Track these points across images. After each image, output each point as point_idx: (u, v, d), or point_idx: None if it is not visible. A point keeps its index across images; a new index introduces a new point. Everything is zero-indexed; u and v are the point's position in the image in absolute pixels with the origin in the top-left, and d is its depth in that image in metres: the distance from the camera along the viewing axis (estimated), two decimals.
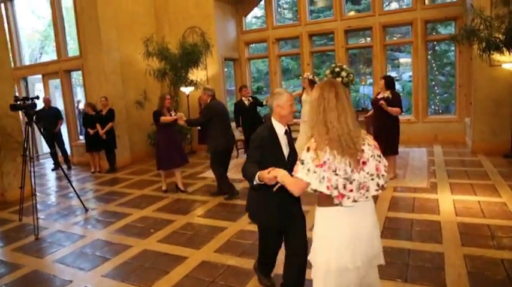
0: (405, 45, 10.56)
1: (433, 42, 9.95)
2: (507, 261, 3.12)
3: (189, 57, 7.93)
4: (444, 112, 10.70)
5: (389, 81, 5.63)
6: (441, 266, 3.14)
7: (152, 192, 6.26)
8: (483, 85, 6.75)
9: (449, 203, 4.57)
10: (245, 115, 7.54)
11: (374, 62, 8.78)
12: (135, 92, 8.58)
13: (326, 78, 8.45)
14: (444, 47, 10.71)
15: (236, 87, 10.46)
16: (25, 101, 4.84)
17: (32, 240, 4.58)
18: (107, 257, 3.92)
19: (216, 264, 3.53)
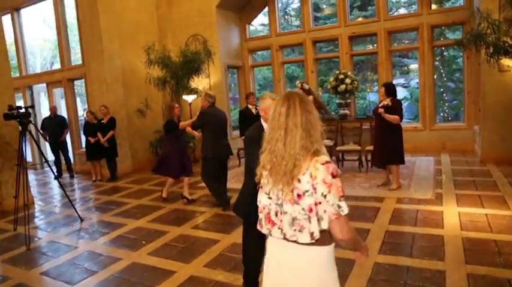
0: (412, 51, 10.32)
1: (441, 47, 9.72)
2: None
3: (190, 65, 7.85)
4: (454, 119, 10.41)
5: (389, 88, 5.44)
6: (442, 286, 2.92)
7: (150, 202, 6.15)
8: (492, 91, 6.49)
9: (454, 216, 4.34)
10: (251, 123, 7.35)
11: (379, 69, 8.58)
12: (137, 101, 8.55)
13: (330, 85, 8.30)
14: (453, 53, 10.45)
15: (240, 95, 10.37)
16: (19, 110, 4.80)
17: (23, 251, 4.49)
18: (94, 270, 3.80)
19: (204, 279, 3.37)
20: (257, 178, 1.62)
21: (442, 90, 10.76)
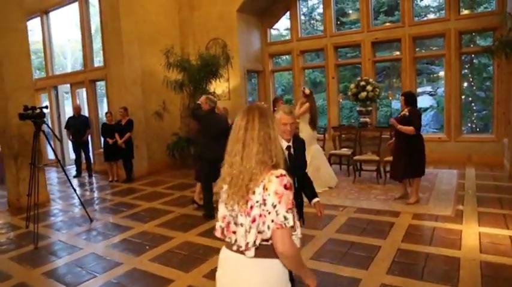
0: (440, 58, 9.88)
1: (471, 55, 9.26)
2: None
3: (208, 68, 7.82)
4: (482, 131, 9.88)
5: (408, 97, 5.19)
6: None
7: (160, 205, 6.13)
8: None
9: (474, 236, 4.03)
10: None
11: (403, 76, 8.25)
12: (156, 103, 8.61)
13: (350, 92, 8.05)
14: (484, 61, 9.92)
15: (259, 100, 10.27)
16: (34, 111, 4.88)
17: (31, 249, 4.55)
18: (95, 274, 3.77)
19: None
20: (216, 189, 1.64)
21: (471, 99, 10.24)
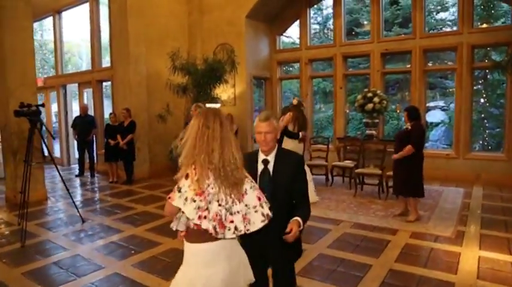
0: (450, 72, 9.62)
1: (485, 70, 8.98)
2: None
3: (212, 73, 7.75)
4: (495, 149, 9.53)
5: (411, 112, 5.00)
6: None
7: (154, 209, 6.03)
8: None
9: (473, 260, 3.79)
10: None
11: (412, 89, 8.02)
12: (160, 106, 8.55)
13: (357, 103, 7.87)
14: (498, 77, 9.61)
15: (266, 107, 10.16)
16: (29, 108, 4.86)
17: (18, 247, 4.50)
18: (75, 276, 3.68)
19: None
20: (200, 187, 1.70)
21: (483, 116, 9.91)
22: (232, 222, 1.73)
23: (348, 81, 13.14)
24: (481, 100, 10.49)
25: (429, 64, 10.34)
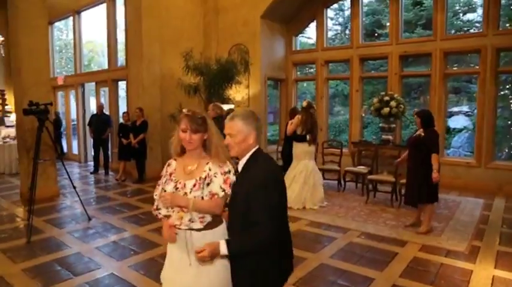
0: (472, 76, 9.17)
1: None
2: None
3: (225, 74, 7.68)
4: None
5: (425, 119, 4.73)
6: None
7: None
8: None
9: (486, 280, 3.53)
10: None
11: (431, 93, 7.69)
12: (173, 106, 8.54)
13: (373, 107, 7.63)
14: None
15: (281, 108, 10.00)
16: (38, 107, 4.92)
17: (23, 243, 4.56)
18: (71, 275, 3.67)
19: None
20: None
21: (511, 123, 9.41)
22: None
23: (369, 83, 12.85)
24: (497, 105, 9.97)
25: (454, 67, 9.96)
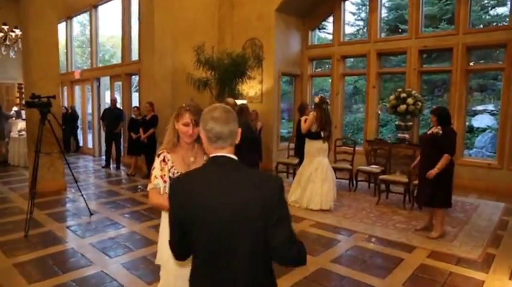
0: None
1: None
2: None
3: (236, 68, 7.49)
4: None
5: (441, 117, 4.39)
6: None
7: None
8: None
9: None
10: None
11: (452, 90, 7.26)
12: (185, 101, 8.46)
13: (389, 104, 7.29)
14: None
15: (295, 104, 9.74)
16: (40, 99, 4.90)
17: (20, 237, 4.54)
18: (59, 272, 3.60)
19: None
20: None
21: None
22: None
23: (391, 81, 12.38)
24: None
25: (479, 62, 9.40)
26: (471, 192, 6.56)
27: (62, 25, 12.23)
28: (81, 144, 11.82)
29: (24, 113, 10.08)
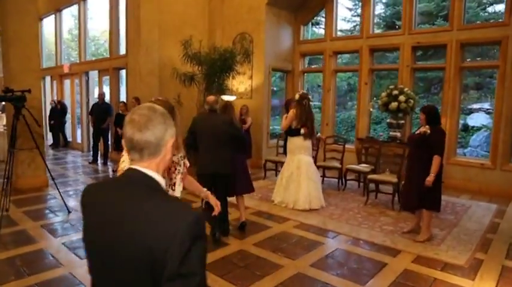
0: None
1: None
2: None
3: (223, 63, 7.29)
4: None
5: (430, 115, 4.20)
6: None
7: None
8: None
9: None
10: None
11: (445, 88, 7.07)
12: (173, 97, 8.25)
13: (381, 101, 7.12)
14: None
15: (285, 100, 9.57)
16: (14, 93, 4.70)
17: None
18: (29, 273, 3.45)
19: None
20: None
21: None
22: None
23: (386, 77, 12.20)
24: None
25: (476, 60, 9.22)
26: (463, 193, 6.41)
27: (51, 18, 12.00)
28: (69, 139, 11.62)
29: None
